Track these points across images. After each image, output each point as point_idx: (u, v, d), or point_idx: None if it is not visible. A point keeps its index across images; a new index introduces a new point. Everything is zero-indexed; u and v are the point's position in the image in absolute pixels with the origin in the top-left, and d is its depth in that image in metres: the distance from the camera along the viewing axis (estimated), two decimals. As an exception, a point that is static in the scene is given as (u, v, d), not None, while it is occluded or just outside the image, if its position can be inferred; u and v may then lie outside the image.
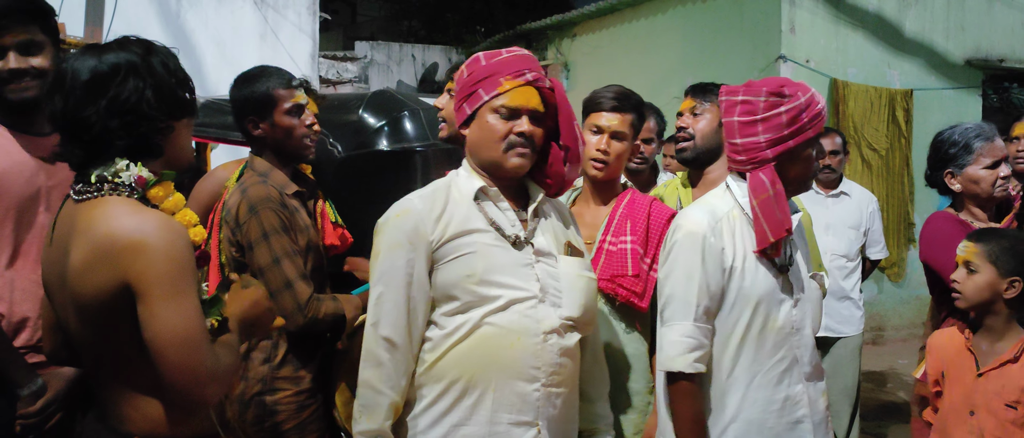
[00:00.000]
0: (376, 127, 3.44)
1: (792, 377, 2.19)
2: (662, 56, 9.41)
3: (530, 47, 12.06)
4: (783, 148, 2.15)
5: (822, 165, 4.78)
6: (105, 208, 1.63)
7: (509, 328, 1.99)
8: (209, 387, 1.60)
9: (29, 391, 2.18)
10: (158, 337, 1.55)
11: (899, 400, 6.21)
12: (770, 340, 2.17)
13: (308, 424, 2.64)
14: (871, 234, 4.85)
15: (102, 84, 1.64)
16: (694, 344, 2.13)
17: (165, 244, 1.58)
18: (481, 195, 2.08)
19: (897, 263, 8.39)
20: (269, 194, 2.56)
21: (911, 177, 8.41)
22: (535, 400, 2.00)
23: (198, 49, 9.01)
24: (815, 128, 2.15)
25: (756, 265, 2.18)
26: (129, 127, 1.64)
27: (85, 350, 1.75)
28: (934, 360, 2.61)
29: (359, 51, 13.88)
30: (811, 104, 2.14)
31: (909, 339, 8.26)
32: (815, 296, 2.25)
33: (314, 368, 2.67)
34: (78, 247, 1.62)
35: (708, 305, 2.15)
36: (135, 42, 1.72)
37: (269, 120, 2.66)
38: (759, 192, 2.15)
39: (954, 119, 8.72)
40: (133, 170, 1.67)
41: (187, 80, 1.78)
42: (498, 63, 2.07)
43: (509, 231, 2.05)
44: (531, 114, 2.05)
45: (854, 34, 8.24)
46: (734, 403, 2.17)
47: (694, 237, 2.17)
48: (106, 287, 1.59)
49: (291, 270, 2.51)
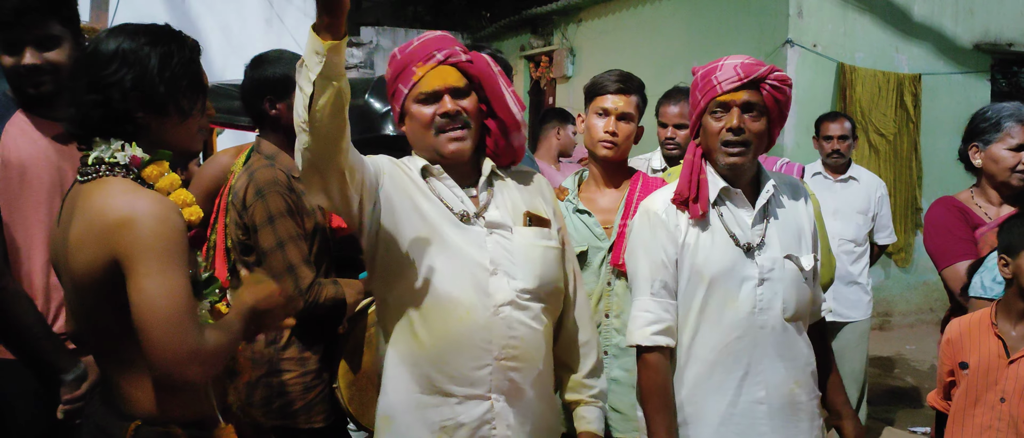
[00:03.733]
0: (382, 112, 3.43)
1: (752, 357, 2.18)
2: (668, 41, 9.37)
3: (536, 32, 12.02)
4: (693, 121, 2.27)
5: (830, 150, 4.77)
6: (102, 187, 1.66)
7: (459, 301, 2.00)
8: (190, 367, 1.58)
9: (73, 376, 2.19)
10: (141, 312, 1.56)
11: (906, 385, 6.21)
12: (728, 318, 2.18)
13: (315, 405, 2.65)
14: (879, 219, 4.84)
15: (91, 62, 1.69)
16: (652, 317, 2.19)
17: (153, 220, 1.60)
18: (426, 173, 2.09)
19: (904, 248, 8.37)
20: (276, 177, 2.57)
21: (919, 162, 8.38)
22: (487, 373, 2.01)
23: (204, 34, 8.97)
24: (706, 97, 2.20)
25: (713, 242, 2.20)
26: (99, 106, 1.67)
27: (84, 328, 1.78)
28: (952, 349, 2.56)
29: (364, 36, 13.83)
30: (704, 76, 2.21)
31: (917, 324, 8.25)
32: (789, 278, 2.21)
33: (319, 350, 2.68)
34: (75, 225, 1.65)
35: (664, 279, 2.20)
36: (148, 31, 1.74)
37: (287, 101, 2.66)
38: (684, 161, 2.27)
39: (962, 104, 8.77)
40: (128, 150, 1.70)
41: (182, 79, 1.75)
42: (409, 53, 2.08)
43: (458, 207, 2.06)
44: (450, 92, 2.05)
45: (862, 18, 8.18)
46: (691, 378, 2.21)
47: (647, 214, 2.26)
48: (97, 263, 1.61)
49: (295, 255, 2.52)
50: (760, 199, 2.23)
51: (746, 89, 2.17)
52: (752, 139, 2.18)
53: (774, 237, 2.23)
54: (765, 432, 2.19)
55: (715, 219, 2.22)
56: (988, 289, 2.56)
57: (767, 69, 2.19)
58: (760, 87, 2.18)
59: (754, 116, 2.18)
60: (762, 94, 2.18)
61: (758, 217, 2.23)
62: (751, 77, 2.16)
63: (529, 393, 2.07)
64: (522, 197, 2.16)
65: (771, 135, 2.23)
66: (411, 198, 2.06)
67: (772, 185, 2.25)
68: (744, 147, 2.17)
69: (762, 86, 2.18)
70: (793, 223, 2.28)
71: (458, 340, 2.01)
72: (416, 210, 2.05)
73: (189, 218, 1.72)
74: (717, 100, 2.18)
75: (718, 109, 2.19)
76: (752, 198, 2.25)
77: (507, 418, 2.04)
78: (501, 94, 2.08)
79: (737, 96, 2.16)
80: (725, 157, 2.18)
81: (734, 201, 2.24)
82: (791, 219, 2.29)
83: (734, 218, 2.23)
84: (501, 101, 2.08)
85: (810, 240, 2.30)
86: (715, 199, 2.23)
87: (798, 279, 2.23)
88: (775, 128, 2.23)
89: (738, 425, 2.19)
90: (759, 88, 2.18)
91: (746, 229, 2.22)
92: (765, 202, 2.24)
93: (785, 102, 2.22)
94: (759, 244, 2.21)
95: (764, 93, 2.18)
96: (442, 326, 2.02)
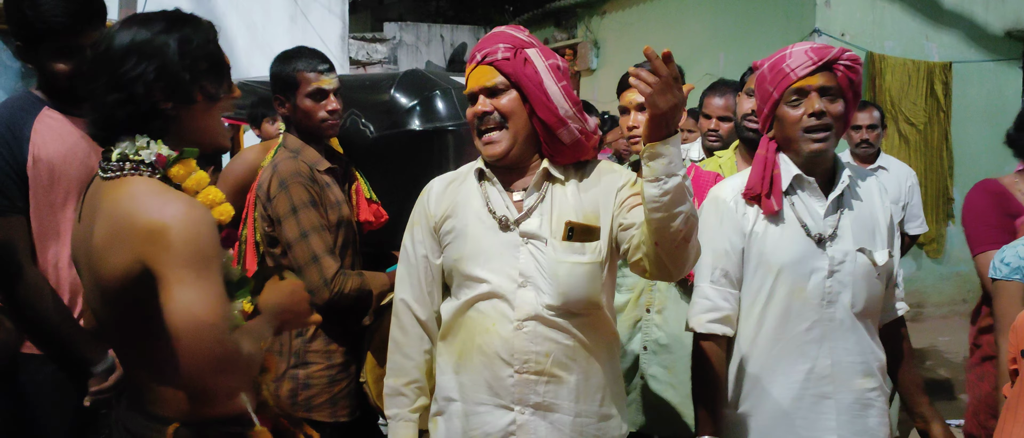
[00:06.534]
0: (408, 107, 3.43)
1: (820, 350, 2.15)
2: (693, 32, 9.29)
3: (559, 25, 11.98)
4: (765, 115, 2.23)
5: (859, 139, 4.71)
6: (127, 188, 1.60)
7: (487, 313, 2.02)
8: (225, 376, 1.54)
9: (103, 367, 2.21)
10: (175, 321, 1.50)
11: (939, 377, 6.13)
12: (796, 309, 2.14)
13: (340, 399, 2.66)
14: (909, 209, 4.78)
15: (106, 60, 1.61)
16: (709, 305, 2.18)
17: (185, 226, 1.53)
18: (482, 176, 2.10)
19: (936, 239, 8.25)
20: (299, 169, 2.59)
21: (950, 151, 8.25)
22: (511, 385, 2.00)
23: (229, 31, 9.04)
24: (780, 87, 2.15)
25: (781, 232, 2.16)
26: (125, 104, 1.60)
27: (110, 330, 1.74)
28: (1016, 337, 2.51)
29: (388, 32, 13.88)
30: (773, 67, 2.17)
31: (949, 316, 8.14)
32: (861, 272, 2.16)
33: (346, 343, 2.69)
34: (100, 227, 1.60)
35: (726, 268, 2.18)
36: (160, 18, 1.66)
37: (293, 100, 2.70)
38: (756, 156, 2.24)
39: (994, 92, 8.61)
40: (153, 148, 1.63)
41: (203, 62, 1.68)
42: (470, 56, 2.09)
43: (500, 213, 2.04)
44: (485, 91, 2.03)
45: (891, 6, 8.06)
46: (755, 369, 2.18)
47: (715, 201, 2.24)
48: (126, 269, 1.56)
49: (318, 245, 2.53)
50: (835, 190, 2.19)
51: (821, 72, 2.12)
52: (833, 123, 2.13)
53: (847, 229, 2.18)
54: (832, 427, 2.15)
55: (787, 208, 2.18)
56: (998, 269, 2.52)
57: (839, 50, 2.14)
58: (834, 68, 2.13)
59: (832, 99, 2.13)
60: (837, 76, 2.13)
61: (831, 207, 2.19)
62: (825, 60, 2.12)
63: (564, 407, 2.02)
64: (576, 200, 2.05)
65: (847, 118, 2.17)
66: (462, 210, 2.08)
67: (848, 175, 2.20)
68: (827, 131, 2.13)
69: (835, 67, 2.13)
70: (868, 216, 2.23)
71: (483, 351, 2.01)
72: (464, 221, 2.06)
73: (219, 218, 1.69)
74: (793, 87, 2.13)
75: (795, 96, 2.14)
76: (827, 188, 2.20)
77: (535, 431, 2.01)
78: (537, 91, 2.00)
79: (813, 80, 2.12)
80: (809, 144, 2.13)
81: (807, 190, 2.19)
82: (866, 212, 2.23)
83: (806, 208, 2.18)
84: (538, 99, 2.01)
85: (886, 235, 2.23)
86: (787, 188, 2.19)
87: (870, 274, 2.18)
88: (850, 111, 2.18)
89: (804, 418, 2.15)
90: (833, 70, 2.13)
91: (818, 219, 2.17)
92: (840, 193, 2.19)
93: (859, 83, 2.16)
94: (831, 235, 2.16)
95: (838, 75, 2.13)
96: (468, 336, 2.04)
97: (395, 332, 2.17)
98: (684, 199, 1.78)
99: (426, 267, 2.12)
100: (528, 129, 2.04)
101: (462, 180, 2.13)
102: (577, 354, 2.03)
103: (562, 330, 2.01)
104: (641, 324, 2.61)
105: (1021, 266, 2.49)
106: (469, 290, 2.04)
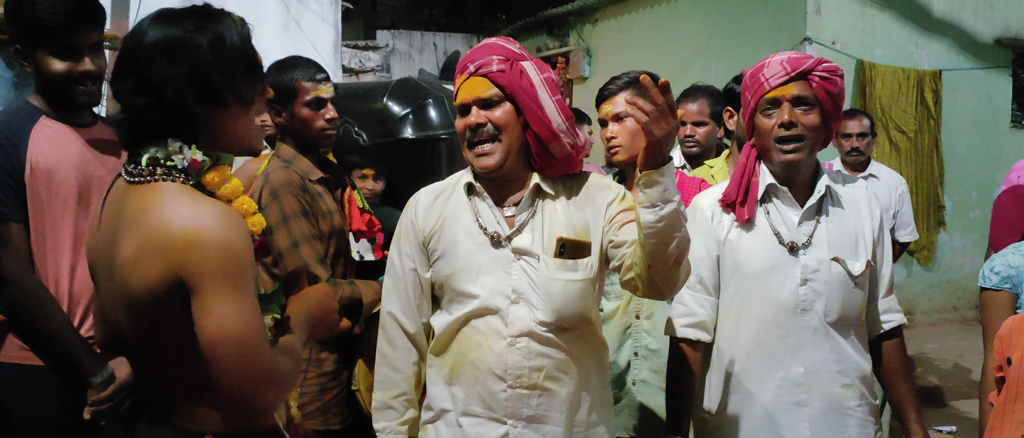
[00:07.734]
0: (401, 115, 3.44)
1: (794, 358, 2.15)
2: (686, 40, 9.33)
3: (551, 34, 12.01)
4: (747, 124, 2.25)
5: (850, 147, 4.74)
6: (158, 195, 1.50)
7: (480, 329, 2.02)
8: (266, 392, 1.47)
9: (101, 379, 2.20)
10: (212, 337, 1.43)
11: (929, 384, 6.15)
12: (771, 316, 2.16)
13: (331, 406, 2.66)
14: (900, 216, 4.81)
15: (134, 61, 1.52)
16: (685, 310, 2.24)
17: (222, 236, 1.45)
18: (471, 190, 2.09)
19: (927, 246, 8.29)
20: (290, 179, 2.60)
21: (940, 159, 8.30)
22: (503, 399, 2.00)
23: (222, 40, 9.04)
24: (755, 96, 2.18)
25: (754, 239, 2.19)
26: (154, 108, 1.50)
27: (134, 344, 1.63)
28: (1001, 345, 2.52)
29: (381, 40, 13.89)
30: (752, 76, 2.20)
31: (939, 323, 8.17)
32: (837, 280, 2.16)
33: (336, 351, 2.69)
34: (129, 236, 1.50)
35: (701, 274, 2.22)
36: (190, 16, 1.57)
37: (290, 109, 2.71)
38: (737, 163, 2.28)
39: (984, 100, 8.64)
40: (187, 153, 1.54)
41: (236, 63, 1.58)
42: (459, 67, 2.08)
43: (491, 229, 2.04)
44: (478, 103, 2.01)
45: (881, 14, 8.12)
46: (734, 375, 2.21)
47: (693, 209, 2.28)
48: (158, 281, 1.46)
49: (309, 254, 2.54)
50: (811, 199, 2.20)
51: (795, 83, 2.13)
52: (806, 134, 2.13)
53: (822, 238, 2.18)
54: (806, 435, 2.15)
55: (761, 216, 2.20)
56: (987, 278, 2.54)
57: (815, 61, 2.15)
58: (809, 79, 2.14)
59: (806, 110, 2.13)
60: (812, 87, 2.13)
61: (806, 216, 2.19)
62: (799, 70, 2.13)
63: (556, 419, 2.03)
64: (567, 215, 2.05)
65: (827, 129, 2.18)
66: (451, 225, 2.07)
67: (825, 185, 2.21)
68: (798, 142, 2.13)
69: (811, 78, 2.14)
70: (851, 227, 2.22)
71: (475, 366, 2.02)
72: (454, 237, 2.06)
73: (252, 228, 1.60)
74: (767, 97, 2.15)
75: (769, 106, 2.15)
76: (806, 198, 2.21)
77: None
78: (532, 105, 2.00)
79: (786, 90, 2.13)
80: (780, 154, 2.15)
81: (781, 199, 2.20)
82: (849, 222, 2.22)
83: (781, 216, 2.20)
84: (532, 112, 2.00)
85: (870, 246, 2.22)
86: (762, 196, 2.20)
87: (846, 283, 2.17)
88: (831, 122, 2.18)
89: (779, 425, 2.16)
90: (809, 81, 2.14)
91: (792, 228, 2.18)
92: (817, 202, 2.20)
93: (838, 94, 2.17)
94: (805, 244, 2.17)
95: (814, 85, 2.14)
96: (461, 351, 2.04)
97: (383, 345, 2.15)
98: (679, 224, 1.80)
99: (414, 280, 2.12)
100: (521, 142, 2.04)
101: (450, 193, 2.12)
102: (568, 367, 2.04)
103: (554, 345, 2.01)
104: (631, 330, 2.63)
105: (1011, 276, 2.51)
106: (461, 306, 2.04)
